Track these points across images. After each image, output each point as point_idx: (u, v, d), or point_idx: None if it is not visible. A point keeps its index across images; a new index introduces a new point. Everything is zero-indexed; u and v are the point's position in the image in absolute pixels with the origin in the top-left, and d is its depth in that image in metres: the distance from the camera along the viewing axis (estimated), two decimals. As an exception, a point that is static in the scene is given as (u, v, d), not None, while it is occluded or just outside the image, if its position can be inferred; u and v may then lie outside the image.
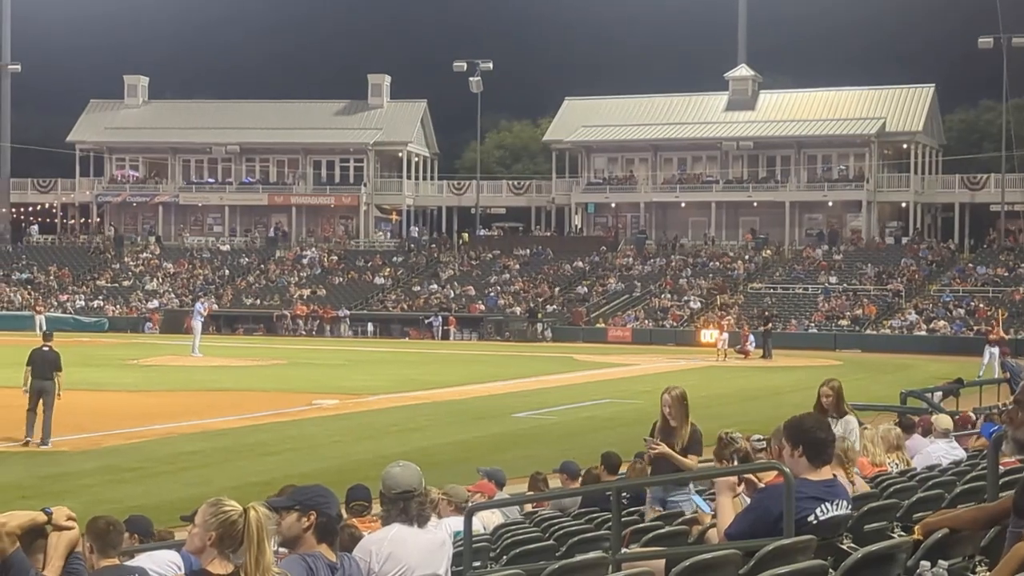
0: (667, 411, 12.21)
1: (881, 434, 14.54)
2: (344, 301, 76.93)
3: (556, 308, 75.16)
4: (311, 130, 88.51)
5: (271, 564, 6.27)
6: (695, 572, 6.97)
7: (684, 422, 12.16)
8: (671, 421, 12.18)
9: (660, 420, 12.33)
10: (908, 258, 75.15)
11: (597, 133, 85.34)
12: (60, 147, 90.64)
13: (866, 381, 43.94)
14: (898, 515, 9.32)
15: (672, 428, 12.17)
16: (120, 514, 9.66)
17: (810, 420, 7.60)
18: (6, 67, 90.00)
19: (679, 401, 12.24)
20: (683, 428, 12.14)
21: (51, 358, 25.99)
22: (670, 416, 12.19)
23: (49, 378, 25.61)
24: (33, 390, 25.55)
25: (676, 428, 12.15)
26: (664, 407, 12.26)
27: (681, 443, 12.06)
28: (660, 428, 12.31)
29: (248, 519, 6.25)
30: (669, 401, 12.24)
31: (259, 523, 6.27)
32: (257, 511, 6.35)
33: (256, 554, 6.26)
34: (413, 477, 7.73)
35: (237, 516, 6.19)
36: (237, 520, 6.25)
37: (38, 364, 25.90)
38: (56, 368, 25.84)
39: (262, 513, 6.37)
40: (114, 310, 77.61)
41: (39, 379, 25.64)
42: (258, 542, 6.25)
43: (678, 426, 12.15)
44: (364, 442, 26.89)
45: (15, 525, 5.29)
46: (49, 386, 25.53)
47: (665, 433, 12.21)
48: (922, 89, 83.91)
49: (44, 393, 25.47)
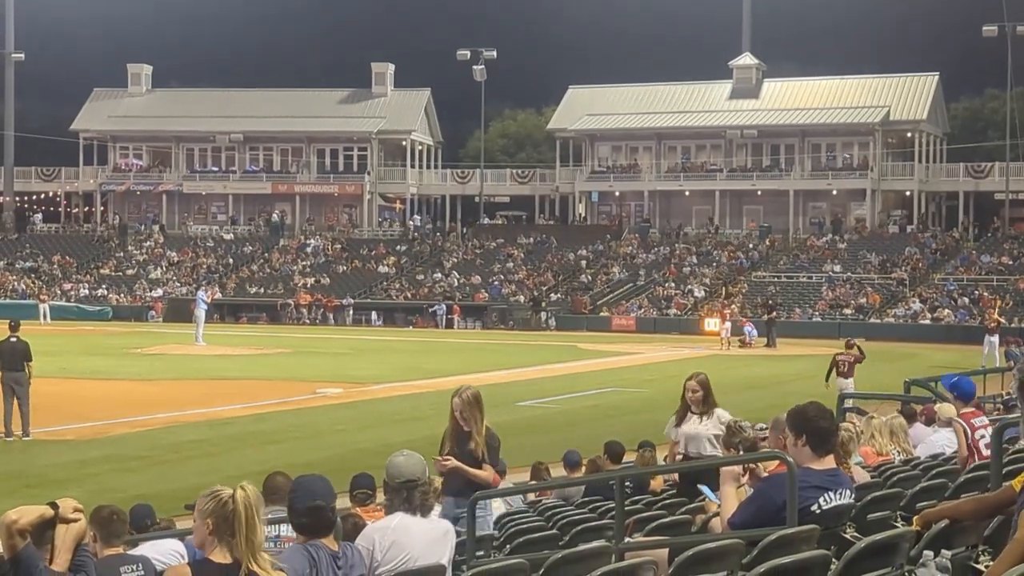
0: (460, 415, 11.09)
1: (885, 423, 14.53)
2: (348, 290, 76.94)
3: (560, 297, 75.15)
4: (315, 118, 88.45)
5: (261, 544, 6.27)
6: (698, 561, 6.98)
7: (479, 427, 11.07)
8: (464, 426, 11.11)
9: (451, 425, 11.23)
10: (912, 247, 75.08)
11: (601, 122, 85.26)
12: (64, 136, 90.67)
13: (870, 370, 43.90)
14: (901, 504, 9.32)
15: (467, 434, 11.10)
16: (125, 503, 9.69)
17: (813, 409, 7.59)
18: (10, 56, 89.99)
19: (473, 404, 11.08)
20: (479, 433, 11.07)
21: (20, 348, 25.08)
22: (463, 421, 11.11)
23: (20, 369, 24.80)
24: (4, 382, 24.77)
25: (471, 434, 11.07)
26: (456, 411, 11.12)
27: (480, 450, 11.01)
28: (452, 433, 11.22)
29: (235, 499, 6.25)
30: (460, 404, 11.09)
31: (247, 502, 6.27)
32: (246, 491, 6.35)
33: (246, 533, 6.27)
34: (417, 466, 7.74)
35: (227, 498, 6.20)
36: (227, 502, 6.26)
37: (7, 356, 25.02)
38: (26, 358, 24.96)
39: (251, 492, 6.37)
40: (118, 299, 77.64)
41: (9, 371, 24.81)
42: (246, 521, 6.25)
43: (473, 431, 11.07)
44: (368, 431, 26.91)
45: (26, 522, 5.30)
46: (21, 377, 24.75)
47: (459, 439, 11.15)
48: (926, 77, 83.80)
49: (16, 384, 24.71)
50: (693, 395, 12.82)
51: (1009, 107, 78.25)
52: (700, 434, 12.70)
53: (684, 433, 12.83)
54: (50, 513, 5.43)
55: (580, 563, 7.75)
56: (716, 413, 12.83)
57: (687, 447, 12.76)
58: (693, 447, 12.71)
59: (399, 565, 7.43)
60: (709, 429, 12.69)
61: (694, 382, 12.89)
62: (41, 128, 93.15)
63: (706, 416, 12.77)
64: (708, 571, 7.07)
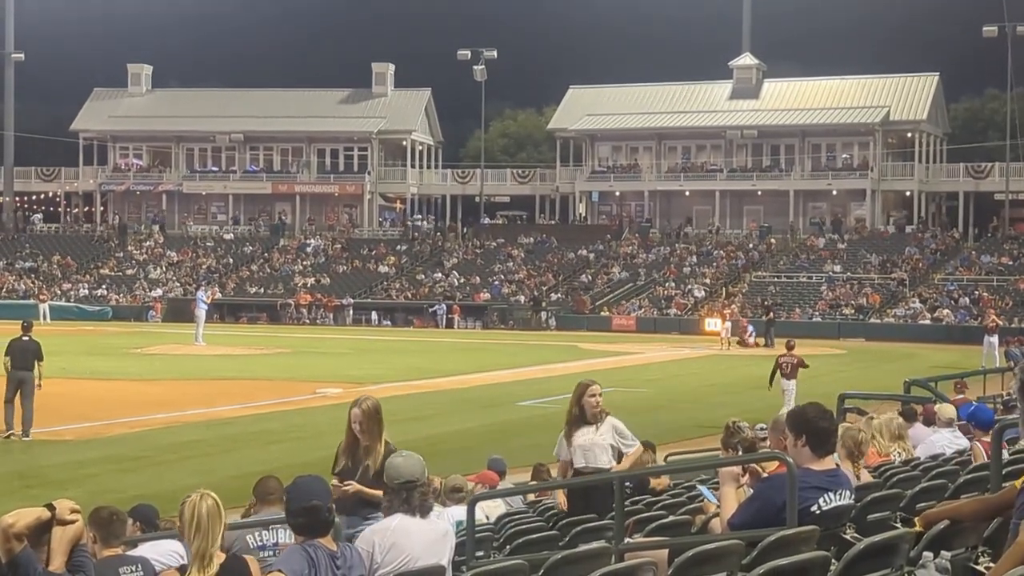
0: (358, 427, 10.07)
1: (885, 423, 14.52)
2: (348, 290, 76.94)
3: (560, 297, 75.15)
4: (315, 118, 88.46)
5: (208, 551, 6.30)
6: (698, 562, 6.97)
7: (377, 440, 10.06)
8: (362, 440, 10.08)
9: (348, 438, 10.20)
10: (912, 247, 75.09)
11: (601, 122, 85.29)
12: (64, 136, 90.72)
13: (870, 370, 43.98)
14: (901, 505, 9.31)
15: (365, 448, 10.06)
16: (124, 503, 9.68)
17: (813, 410, 7.58)
18: (10, 56, 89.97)
19: (373, 415, 10.10)
20: (376, 447, 10.02)
21: (32, 348, 25.28)
22: (361, 434, 10.08)
23: (29, 368, 24.93)
24: (11, 380, 24.95)
25: (368, 448, 10.04)
26: (354, 423, 10.08)
27: (375, 465, 9.75)
28: (347, 448, 10.21)
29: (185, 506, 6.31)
30: (360, 416, 10.06)
31: (195, 510, 6.32)
32: (206, 499, 6.39)
33: (192, 537, 6.32)
34: (416, 467, 7.73)
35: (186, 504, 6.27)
36: (185, 508, 6.32)
37: (17, 354, 25.22)
38: (37, 358, 25.14)
39: (209, 502, 6.40)
40: (118, 299, 77.63)
41: (18, 369, 25.00)
42: (197, 528, 6.29)
43: (370, 444, 10.05)
44: (368, 431, 26.87)
45: (22, 525, 5.28)
46: (28, 376, 24.85)
47: (354, 454, 10.13)
48: (927, 78, 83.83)
49: (23, 383, 24.80)
50: (595, 404, 12.14)
51: (1009, 107, 78.24)
52: (596, 444, 12.05)
53: (578, 445, 12.07)
54: (47, 515, 5.42)
55: (580, 564, 7.74)
56: (609, 421, 12.23)
57: (584, 459, 12.02)
58: (590, 459, 12.02)
59: (399, 567, 7.42)
60: (605, 438, 12.09)
61: (595, 389, 12.21)
62: (41, 128, 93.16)
63: (601, 425, 12.14)
64: (708, 572, 7.07)
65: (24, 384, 24.84)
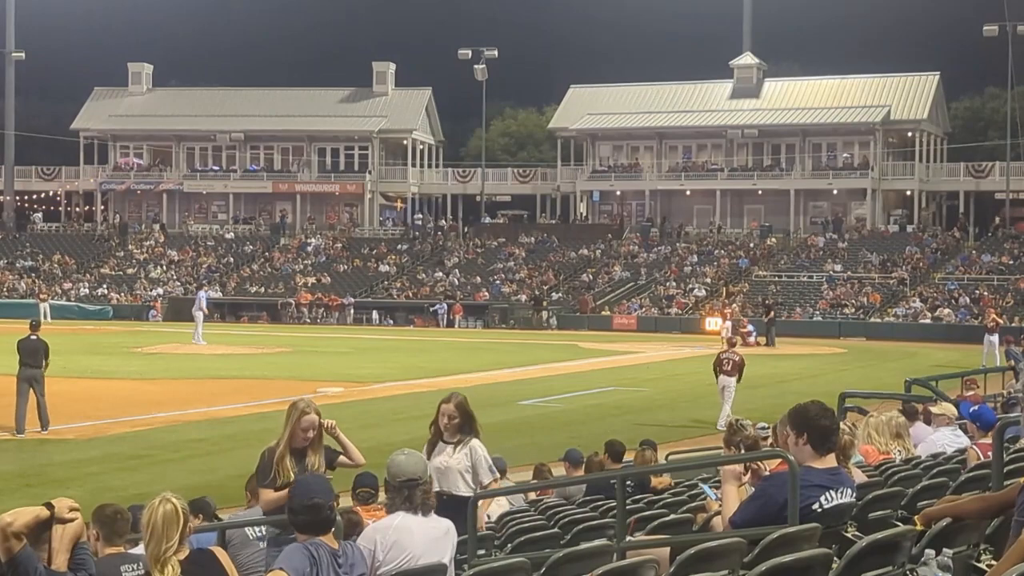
0: (306, 431, 9.50)
1: (885, 422, 14.51)
2: (349, 289, 76.92)
3: (561, 296, 75.12)
4: (316, 117, 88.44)
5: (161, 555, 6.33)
6: (700, 560, 6.98)
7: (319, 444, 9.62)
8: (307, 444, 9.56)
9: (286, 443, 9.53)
10: (913, 246, 75.08)
11: (602, 121, 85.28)
12: (64, 135, 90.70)
13: (870, 369, 43.99)
14: (902, 503, 9.32)
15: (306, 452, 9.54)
16: (125, 502, 9.69)
17: (815, 408, 7.58)
18: (10, 55, 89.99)
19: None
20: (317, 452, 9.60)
21: (41, 347, 25.87)
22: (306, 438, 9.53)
23: (38, 366, 25.54)
24: (22, 378, 25.38)
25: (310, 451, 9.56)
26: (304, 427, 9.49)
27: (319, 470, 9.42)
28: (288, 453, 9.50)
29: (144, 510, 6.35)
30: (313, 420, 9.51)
31: (151, 515, 6.35)
32: (164, 503, 6.42)
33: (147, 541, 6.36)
34: (418, 465, 7.73)
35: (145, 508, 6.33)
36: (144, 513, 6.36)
37: (26, 353, 25.80)
38: (45, 356, 25.80)
39: (168, 507, 6.43)
40: (118, 298, 77.61)
41: (28, 367, 25.52)
42: (151, 533, 6.33)
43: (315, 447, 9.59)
44: (369, 430, 26.85)
45: (21, 524, 5.29)
46: (38, 374, 25.44)
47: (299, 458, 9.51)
48: (927, 77, 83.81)
49: (34, 381, 25.34)
50: (449, 421, 10.81)
51: (1010, 106, 78.23)
52: (451, 467, 10.74)
53: (434, 467, 10.40)
54: (46, 514, 5.42)
55: (581, 562, 7.74)
56: (471, 445, 10.80)
57: (438, 483, 10.30)
58: (444, 484, 10.61)
59: (401, 564, 7.42)
60: (460, 462, 10.75)
61: (451, 406, 10.83)
62: (41, 127, 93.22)
63: (460, 447, 10.78)
64: (709, 570, 7.07)
65: (35, 382, 25.39)
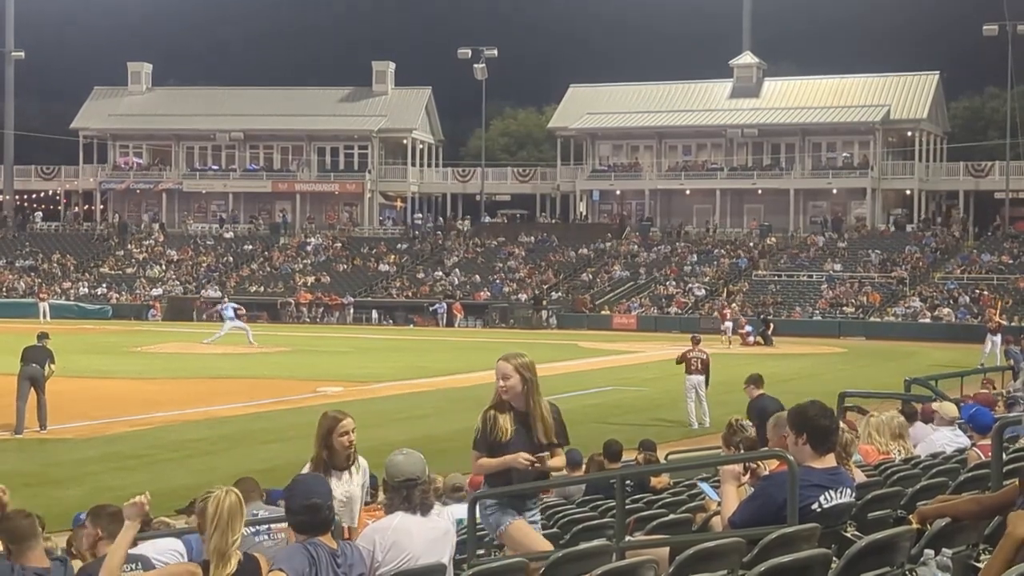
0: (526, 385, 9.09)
1: (885, 422, 14.50)
2: (348, 288, 76.92)
3: (561, 295, 75.13)
4: (315, 117, 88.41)
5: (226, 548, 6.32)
6: (699, 560, 6.97)
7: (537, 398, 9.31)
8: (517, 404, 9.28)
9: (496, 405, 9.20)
10: (912, 245, 75.08)
11: (602, 120, 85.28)
12: (64, 134, 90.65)
13: (870, 368, 43.97)
14: (902, 503, 9.31)
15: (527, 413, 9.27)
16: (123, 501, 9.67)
17: (814, 408, 7.58)
18: (10, 54, 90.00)
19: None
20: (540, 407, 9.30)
21: (46, 353, 26.01)
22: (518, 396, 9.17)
23: (40, 364, 25.58)
24: (23, 377, 25.38)
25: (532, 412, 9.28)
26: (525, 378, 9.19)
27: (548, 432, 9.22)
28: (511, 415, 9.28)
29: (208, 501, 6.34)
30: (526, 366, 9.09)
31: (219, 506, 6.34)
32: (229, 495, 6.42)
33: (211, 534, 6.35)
34: (416, 465, 7.72)
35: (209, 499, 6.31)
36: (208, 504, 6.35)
37: (30, 354, 25.87)
38: (49, 359, 25.86)
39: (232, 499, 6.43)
40: (118, 297, 77.62)
41: (30, 364, 25.55)
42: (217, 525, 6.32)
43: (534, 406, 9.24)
44: (368, 430, 26.73)
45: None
46: (39, 371, 25.44)
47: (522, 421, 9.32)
48: (927, 76, 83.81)
49: (35, 380, 25.34)
50: (348, 444, 9.43)
51: (1009, 106, 78.19)
52: (354, 496, 9.35)
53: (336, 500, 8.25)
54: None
55: (581, 562, 7.73)
56: (360, 462, 9.59)
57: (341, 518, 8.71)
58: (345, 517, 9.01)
59: (400, 565, 7.41)
60: (357, 480, 9.45)
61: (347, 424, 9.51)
62: (41, 126, 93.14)
63: (353, 467, 9.47)
64: (709, 570, 7.06)
65: (36, 380, 25.39)
